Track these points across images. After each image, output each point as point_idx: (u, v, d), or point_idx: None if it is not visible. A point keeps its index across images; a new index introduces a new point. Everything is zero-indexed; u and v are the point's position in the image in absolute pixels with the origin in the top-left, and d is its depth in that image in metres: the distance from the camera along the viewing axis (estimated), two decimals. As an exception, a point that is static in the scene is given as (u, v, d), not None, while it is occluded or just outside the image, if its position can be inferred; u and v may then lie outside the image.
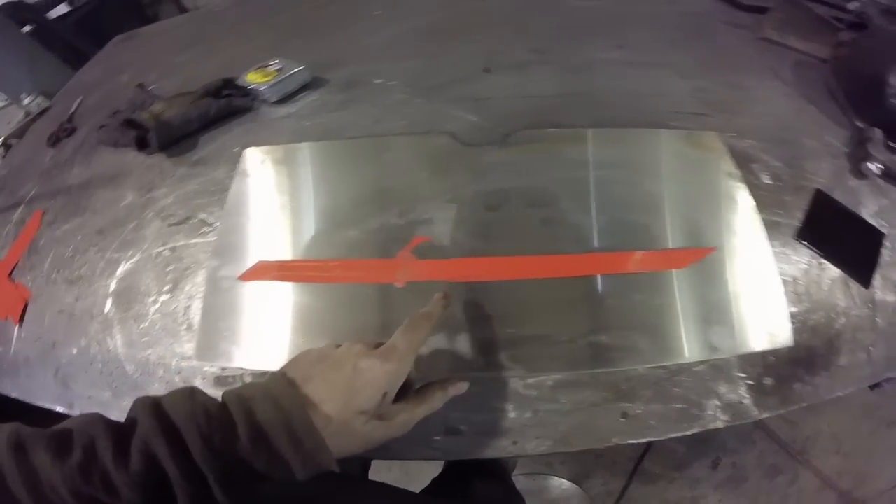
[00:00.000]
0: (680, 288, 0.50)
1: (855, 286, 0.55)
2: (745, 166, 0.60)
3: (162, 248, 0.62)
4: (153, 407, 0.29)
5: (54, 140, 0.85)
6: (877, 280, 0.56)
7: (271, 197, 0.59)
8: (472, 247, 0.52)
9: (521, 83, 0.68)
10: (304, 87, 0.70)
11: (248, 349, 0.51)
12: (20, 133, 0.97)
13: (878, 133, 0.66)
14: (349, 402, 0.32)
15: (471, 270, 0.50)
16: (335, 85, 0.71)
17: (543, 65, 0.70)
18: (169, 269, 0.60)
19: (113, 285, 0.62)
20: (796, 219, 0.58)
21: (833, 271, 0.56)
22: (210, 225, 0.60)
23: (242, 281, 0.54)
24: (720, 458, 1.30)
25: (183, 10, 2.35)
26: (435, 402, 0.39)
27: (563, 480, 1.26)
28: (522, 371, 0.47)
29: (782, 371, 0.49)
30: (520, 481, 1.21)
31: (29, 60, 1.05)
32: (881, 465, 1.27)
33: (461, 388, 0.41)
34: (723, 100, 0.68)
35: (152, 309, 0.59)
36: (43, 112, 0.98)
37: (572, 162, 0.57)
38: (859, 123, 0.71)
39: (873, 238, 0.60)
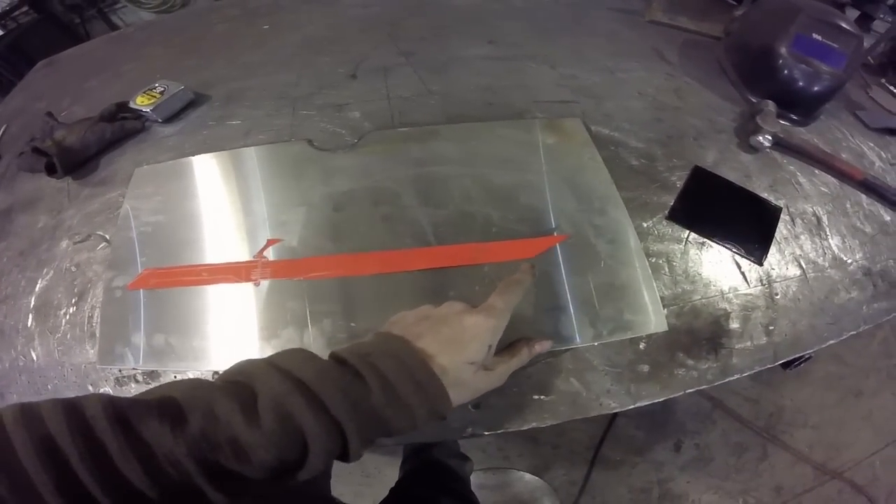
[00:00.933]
0: (540, 277, 0.52)
1: (745, 263, 0.55)
2: (611, 150, 0.62)
3: (69, 265, 0.69)
4: (272, 367, 0.31)
5: (-19, 169, 0.90)
6: (773, 255, 0.56)
7: (157, 211, 0.66)
8: (320, 246, 0.59)
9: (383, 87, 0.74)
10: (189, 106, 0.77)
11: (140, 351, 0.59)
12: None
13: (770, 105, 0.67)
14: (461, 353, 0.36)
15: (317, 268, 0.58)
16: (216, 101, 0.78)
17: (407, 67, 0.77)
18: (75, 282, 0.68)
19: (33, 301, 0.70)
20: (671, 199, 0.59)
21: (716, 249, 0.56)
22: (106, 240, 0.67)
23: (131, 289, 0.61)
24: (682, 440, 1.30)
25: (113, 27, 2.36)
26: (524, 356, 0.44)
27: (524, 473, 1.28)
28: None
29: (660, 357, 0.48)
30: (480, 476, 1.25)
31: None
32: (855, 434, 1.27)
33: (546, 345, 0.46)
34: (593, 86, 0.71)
35: (64, 321, 0.67)
36: (-26, 142, 1.03)
37: (418, 160, 0.64)
38: (752, 98, 0.73)
39: (767, 212, 0.60)
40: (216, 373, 0.57)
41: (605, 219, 0.56)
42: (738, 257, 0.55)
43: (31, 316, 0.70)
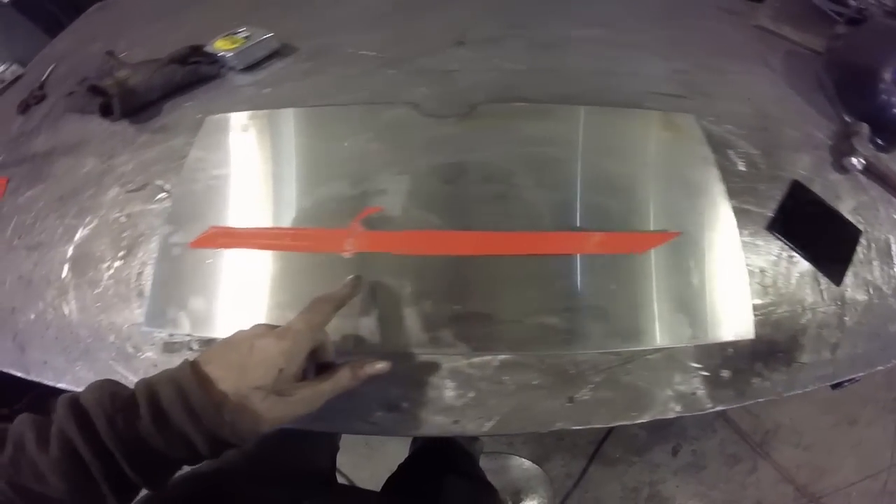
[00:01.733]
0: (639, 272, 0.48)
1: (825, 282, 0.53)
2: (721, 152, 0.58)
3: (118, 215, 0.60)
4: (69, 398, 0.31)
5: (24, 108, 0.82)
6: (848, 277, 0.54)
7: (228, 165, 0.57)
8: (423, 220, 0.50)
9: (493, 57, 0.65)
10: (272, 56, 0.68)
11: (197, 316, 0.50)
12: (-9, 102, 0.95)
13: (865, 128, 0.64)
14: (243, 378, 0.33)
15: (420, 244, 0.48)
16: (303, 54, 0.68)
17: (518, 39, 0.68)
18: (124, 235, 0.59)
19: (70, 251, 0.61)
20: (769, 209, 0.56)
21: (803, 265, 0.54)
22: (166, 192, 0.59)
23: (194, 248, 0.53)
24: (681, 445, 1.31)
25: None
26: (342, 380, 0.38)
27: (523, 460, 1.26)
28: (466, 349, 0.45)
29: (740, 364, 0.47)
30: (482, 459, 1.19)
31: (6, 29, 1.02)
32: (840, 461, 1.27)
33: (380, 368, 0.40)
34: (703, 83, 0.66)
35: (106, 275, 0.58)
36: (15, 80, 0.96)
37: (532, 138, 0.55)
38: (847, 117, 0.70)
39: (849, 235, 0.58)
40: None
41: (712, 221, 0.52)
42: (820, 276, 0.54)
43: (66, 266, 0.61)
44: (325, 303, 0.40)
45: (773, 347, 0.48)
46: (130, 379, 0.51)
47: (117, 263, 0.57)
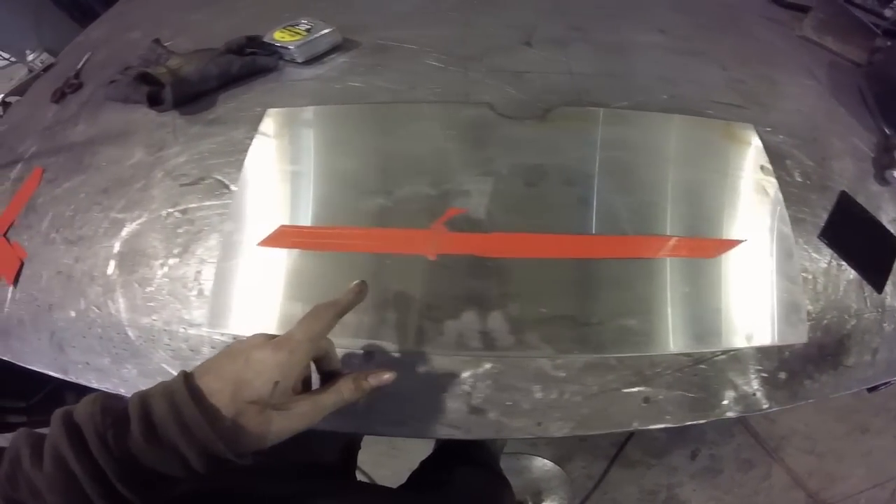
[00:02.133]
0: (707, 276, 0.49)
1: (868, 289, 0.55)
2: (778, 161, 0.59)
3: (172, 210, 0.57)
4: (63, 413, 0.30)
5: (59, 96, 0.79)
6: (888, 286, 0.56)
7: (294, 160, 0.54)
8: (507, 222, 0.48)
9: (562, 59, 0.63)
10: (333, 50, 0.65)
11: (263, 318, 0.47)
12: (21, 90, 0.91)
13: None
14: (238, 392, 0.31)
15: (506, 246, 0.46)
16: (365, 49, 0.65)
17: (583, 42, 0.66)
18: (179, 231, 0.55)
19: (117, 246, 0.58)
20: (820, 218, 0.57)
21: (850, 273, 0.55)
22: (226, 186, 0.55)
23: (261, 247, 0.50)
24: (699, 449, 1.31)
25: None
26: (344, 393, 0.35)
27: (545, 461, 1.26)
28: (551, 351, 0.44)
29: (795, 366, 0.48)
30: (503, 460, 1.17)
31: (35, 16, 0.99)
32: (851, 468, 1.28)
33: (386, 379, 0.37)
34: (759, 93, 0.66)
35: (159, 273, 0.54)
36: (47, 69, 0.92)
37: (607, 142, 0.54)
38: (887, 130, 0.70)
39: (890, 245, 0.60)
40: (369, 354, 0.45)
41: (772, 230, 0.53)
42: (865, 283, 0.55)
43: (112, 263, 0.57)
44: (328, 309, 0.36)
45: (822, 351, 0.49)
46: None
47: (172, 261, 0.54)
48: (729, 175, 0.55)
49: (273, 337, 0.34)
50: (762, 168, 0.56)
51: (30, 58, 0.91)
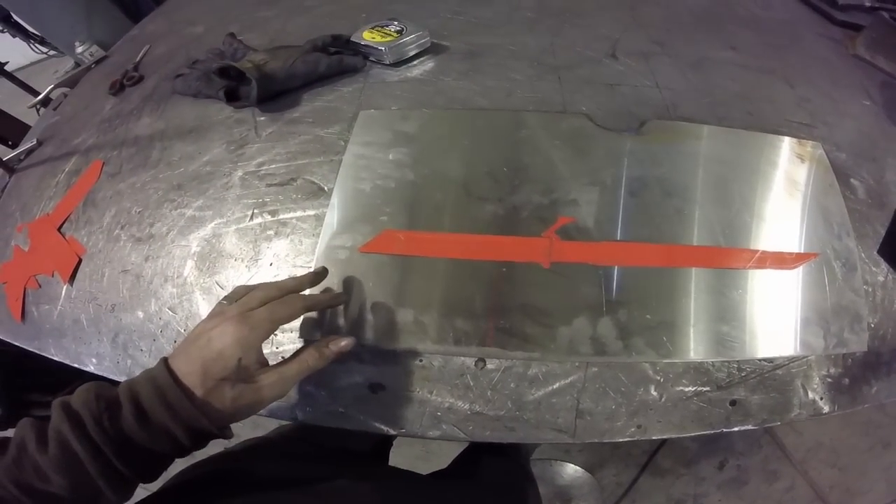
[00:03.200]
0: (784, 287, 0.50)
1: None
2: (843, 180, 0.60)
3: (259, 210, 0.54)
4: (61, 402, 0.32)
5: (118, 88, 0.76)
6: None
7: (393, 164, 0.52)
8: (614, 231, 0.48)
9: (647, 73, 0.63)
10: (421, 53, 0.63)
11: (371, 326, 0.44)
12: (71, 83, 0.88)
13: None
14: (207, 371, 0.33)
15: (617, 255, 0.47)
16: (455, 53, 0.64)
17: (665, 57, 0.67)
18: (268, 233, 0.52)
19: (195, 247, 0.54)
20: (879, 234, 0.58)
21: None
22: (321, 188, 0.53)
23: (364, 252, 0.46)
24: (727, 459, 1.30)
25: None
26: (308, 360, 0.38)
27: (577, 468, 1.25)
28: (655, 356, 0.45)
29: (857, 373, 0.50)
30: (536, 466, 1.21)
31: (86, 8, 0.95)
32: (871, 483, 1.28)
33: (345, 345, 0.40)
34: (824, 112, 0.67)
35: (246, 275, 0.51)
36: (99, 61, 0.88)
37: (699, 156, 0.55)
38: None
39: None
40: (481, 360, 0.45)
41: (840, 244, 0.54)
42: None
43: (190, 263, 0.54)
44: (299, 300, 0.39)
45: (879, 359, 0.51)
46: None
47: (261, 264, 0.50)
48: (803, 192, 0.57)
49: (237, 311, 0.36)
50: (831, 185, 0.58)
51: (79, 50, 0.87)
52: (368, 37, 0.60)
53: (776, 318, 0.48)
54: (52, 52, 1.08)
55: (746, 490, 1.27)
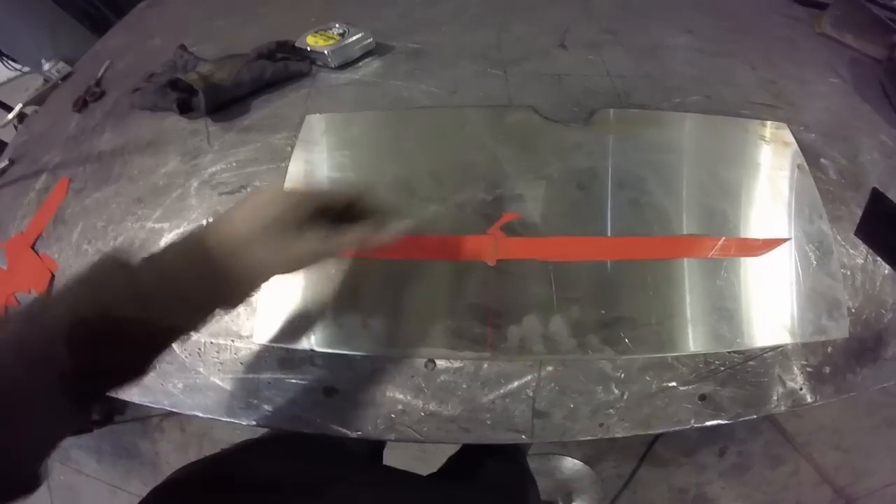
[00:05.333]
0: (752, 275, 0.48)
1: None
2: (813, 160, 0.57)
3: (212, 218, 0.53)
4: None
5: (81, 105, 0.74)
6: None
7: (338, 167, 0.51)
8: (563, 226, 0.47)
9: (598, 62, 0.62)
10: (366, 55, 0.62)
11: (321, 330, 0.44)
12: (39, 100, 0.86)
13: None
14: (249, 220, 0.33)
15: (565, 250, 0.45)
16: (399, 53, 0.63)
17: (616, 45, 0.65)
18: (221, 241, 0.51)
19: (156, 258, 0.53)
20: (855, 215, 0.55)
21: (884, 268, 0.54)
22: (268, 195, 0.52)
23: (310, 256, 0.46)
24: (728, 446, 1.26)
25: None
26: (326, 245, 0.35)
27: (575, 461, 1.23)
28: (612, 353, 0.44)
29: (838, 360, 0.48)
30: (534, 461, 1.17)
31: (50, 25, 0.93)
32: (878, 463, 1.24)
33: (387, 236, 0.37)
34: (789, 93, 0.65)
35: (202, 284, 0.50)
36: (65, 78, 0.87)
37: (652, 145, 0.53)
38: None
39: None
40: (430, 362, 0.44)
41: (812, 227, 0.52)
42: None
43: (151, 274, 0.54)
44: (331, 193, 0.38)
45: (862, 345, 0.49)
46: (238, 396, 0.46)
47: (217, 271, 0.49)
48: (769, 175, 0.55)
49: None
50: (799, 167, 0.55)
51: (45, 67, 0.85)
52: (312, 41, 0.59)
53: (745, 308, 0.46)
54: (26, 69, 1.05)
55: (750, 476, 1.23)
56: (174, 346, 0.49)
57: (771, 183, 0.54)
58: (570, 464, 1.23)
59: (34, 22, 0.93)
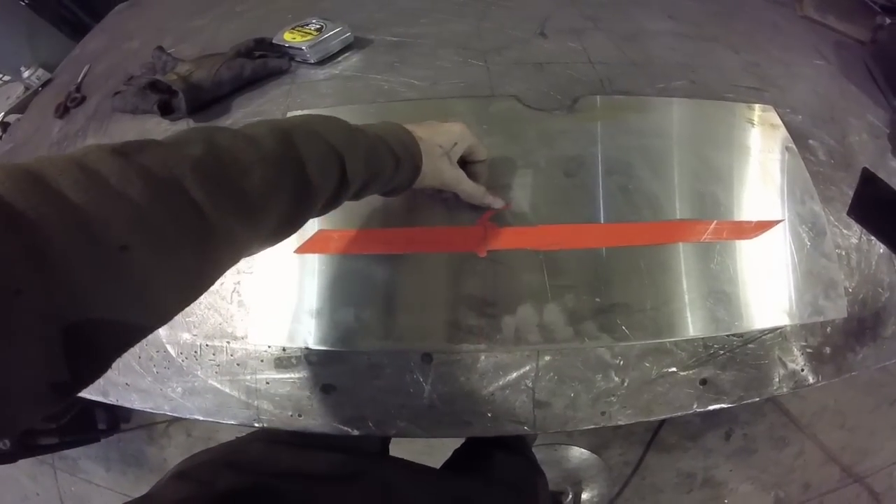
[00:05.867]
0: (747, 258, 0.48)
1: None
2: (801, 142, 0.57)
3: (200, 221, 0.52)
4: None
5: (62, 111, 0.73)
6: None
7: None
8: (552, 214, 0.47)
9: (579, 49, 0.61)
10: (346, 49, 0.61)
11: (314, 327, 0.44)
12: (21, 108, 0.84)
13: None
14: (433, 136, 0.41)
15: (556, 238, 0.45)
16: (379, 46, 0.62)
17: (597, 31, 0.64)
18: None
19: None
20: (847, 195, 0.55)
21: (879, 247, 0.54)
22: (255, 195, 0.51)
23: (299, 254, 0.46)
24: (733, 430, 1.27)
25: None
26: (475, 191, 0.44)
27: (582, 450, 1.23)
28: (610, 340, 0.44)
29: (838, 341, 0.47)
30: (541, 451, 1.18)
31: (27, 32, 0.91)
32: (882, 441, 1.25)
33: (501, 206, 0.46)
34: (774, 75, 0.65)
35: (194, 287, 0.50)
36: (45, 84, 0.85)
37: (639, 130, 0.53)
38: None
39: None
40: (427, 355, 0.44)
41: (804, 209, 0.51)
42: (893, 256, 0.53)
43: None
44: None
45: (861, 325, 0.49)
46: (237, 397, 0.46)
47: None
48: (758, 158, 0.54)
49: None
50: (787, 149, 0.55)
51: (25, 74, 0.84)
52: (289, 38, 0.58)
53: (741, 291, 0.46)
54: (6, 78, 1.02)
55: (756, 458, 1.24)
56: (170, 349, 0.49)
57: (761, 165, 0.53)
58: (577, 453, 1.22)
59: (11, 29, 0.91)
